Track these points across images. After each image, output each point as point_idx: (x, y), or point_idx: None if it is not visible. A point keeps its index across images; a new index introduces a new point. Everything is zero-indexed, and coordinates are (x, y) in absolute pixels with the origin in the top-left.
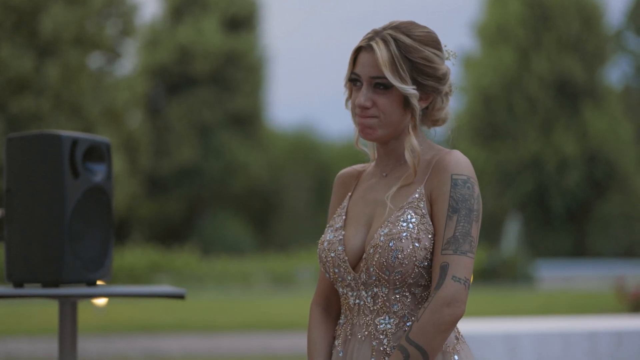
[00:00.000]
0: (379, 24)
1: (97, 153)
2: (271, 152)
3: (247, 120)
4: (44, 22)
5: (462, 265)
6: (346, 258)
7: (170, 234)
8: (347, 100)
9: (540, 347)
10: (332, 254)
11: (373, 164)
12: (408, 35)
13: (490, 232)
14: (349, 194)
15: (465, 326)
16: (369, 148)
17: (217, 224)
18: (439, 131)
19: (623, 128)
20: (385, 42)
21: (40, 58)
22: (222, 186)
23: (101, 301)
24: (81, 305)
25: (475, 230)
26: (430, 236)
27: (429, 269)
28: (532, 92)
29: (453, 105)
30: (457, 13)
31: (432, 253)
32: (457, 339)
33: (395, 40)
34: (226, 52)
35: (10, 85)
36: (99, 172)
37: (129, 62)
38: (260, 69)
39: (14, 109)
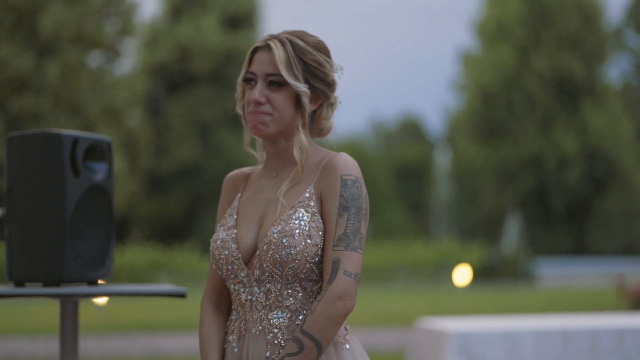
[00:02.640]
0: (379, 22)
1: (97, 152)
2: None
3: None
4: (44, 21)
5: (353, 260)
6: (240, 255)
7: (171, 232)
8: (239, 101)
9: (540, 344)
10: (226, 252)
11: (261, 166)
12: (302, 40)
13: (491, 230)
14: (239, 194)
15: (466, 324)
16: (257, 151)
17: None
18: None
19: (623, 125)
20: (282, 42)
21: (40, 57)
22: (222, 184)
23: (102, 300)
24: (82, 304)
25: (364, 228)
26: (320, 233)
27: (319, 264)
28: (532, 90)
29: (336, 115)
30: (457, 11)
31: (322, 249)
32: (346, 329)
33: (291, 42)
34: (226, 51)
35: (10, 84)
36: (99, 171)
37: (129, 60)
38: None
39: (14, 108)
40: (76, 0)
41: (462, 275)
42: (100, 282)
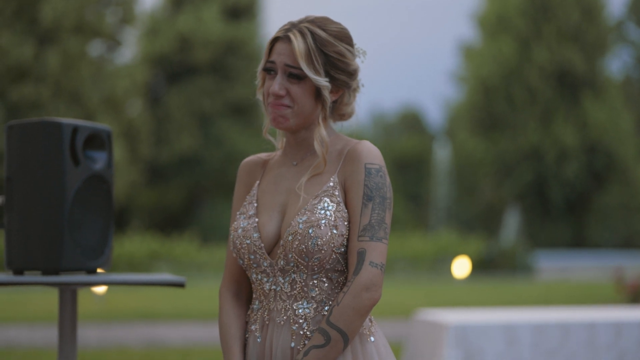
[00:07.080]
0: (380, 14)
1: (97, 141)
2: (270, 141)
3: (247, 109)
4: (44, 10)
5: (378, 251)
6: (262, 245)
7: (170, 222)
8: (259, 89)
9: (538, 337)
10: (247, 241)
11: (279, 152)
12: (324, 30)
13: (489, 222)
14: (257, 182)
15: (464, 316)
16: (277, 137)
17: (216, 213)
18: (346, 125)
19: (623, 119)
20: (302, 34)
21: (40, 46)
22: (221, 175)
23: (101, 289)
24: (81, 293)
25: (388, 218)
26: (346, 223)
27: (345, 254)
28: (532, 83)
29: (359, 101)
30: (457, 3)
31: (347, 239)
32: (371, 321)
33: (312, 33)
34: (226, 41)
35: (10, 73)
36: (99, 160)
37: (129, 50)
38: (260, 58)
39: (14, 96)
40: None
41: (461, 267)
42: (99, 271)
